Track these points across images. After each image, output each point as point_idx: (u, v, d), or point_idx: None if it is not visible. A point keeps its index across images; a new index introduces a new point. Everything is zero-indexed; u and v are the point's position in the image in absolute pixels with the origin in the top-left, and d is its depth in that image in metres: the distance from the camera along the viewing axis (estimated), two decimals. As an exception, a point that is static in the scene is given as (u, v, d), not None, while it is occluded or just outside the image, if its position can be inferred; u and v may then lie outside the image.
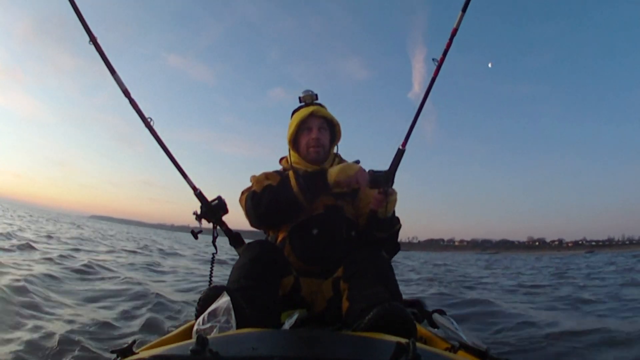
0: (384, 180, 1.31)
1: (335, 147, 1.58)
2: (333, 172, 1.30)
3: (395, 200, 1.34)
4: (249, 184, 1.44)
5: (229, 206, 1.58)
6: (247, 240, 1.54)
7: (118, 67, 1.54)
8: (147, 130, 1.58)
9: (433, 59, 1.51)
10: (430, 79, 1.51)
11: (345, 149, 1.60)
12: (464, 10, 1.50)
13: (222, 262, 5.21)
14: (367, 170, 1.32)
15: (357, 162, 1.58)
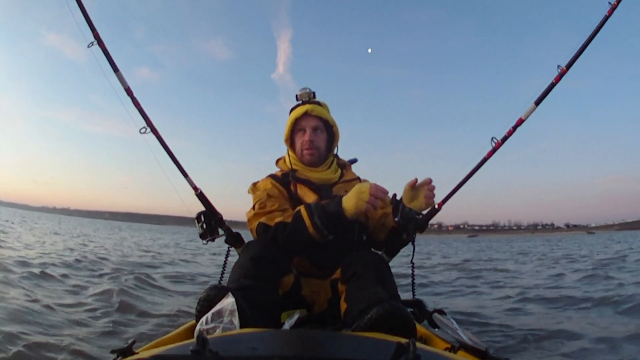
0: (415, 224, 1.34)
1: (335, 149, 1.54)
2: (349, 205, 1.18)
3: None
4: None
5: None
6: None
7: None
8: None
9: (492, 138, 1.50)
10: (481, 159, 1.53)
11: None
12: (537, 104, 1.50)
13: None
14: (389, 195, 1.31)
15: (355, 160, 1.58)
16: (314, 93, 1.48)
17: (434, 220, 1.55)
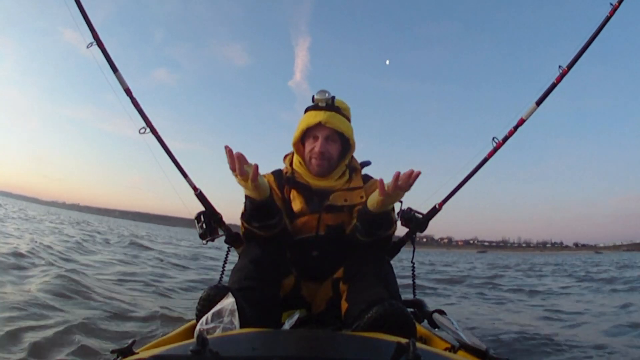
0: (416, 223, 1.38)
1: (348, 160, 1.39)
2: None
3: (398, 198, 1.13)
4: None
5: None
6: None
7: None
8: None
9: (494, 138, 1.52)
10: (484, 157, 1.57)
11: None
12: (538, 104, 1.52)
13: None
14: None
15: (368, 163, 1.55)
16: (332, 97, 1.33)
17: (443, 234, 1.57)
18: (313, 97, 1.35)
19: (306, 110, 1.37)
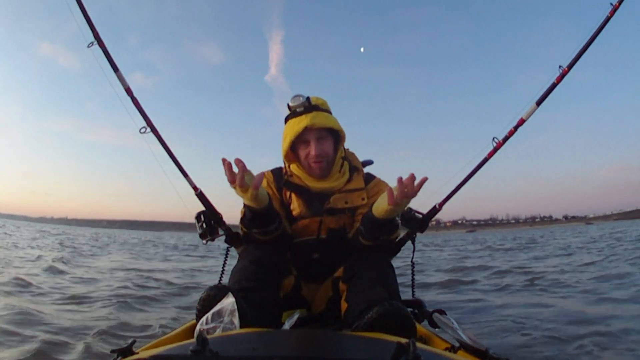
0: (416, 223, 1.41)
1: (341, 151, 1.39)
2: None
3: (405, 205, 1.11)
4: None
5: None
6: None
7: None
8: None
9: (494, 138, 1.52)
10: (483, 158, 1.57)
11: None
12: (539, 104, 1.51)
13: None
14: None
15: (370, 162, 1.55)
16: (308, 98, 1.30)
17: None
18: (288, 105, 1.33)
19: (286, 120, 1.35)
